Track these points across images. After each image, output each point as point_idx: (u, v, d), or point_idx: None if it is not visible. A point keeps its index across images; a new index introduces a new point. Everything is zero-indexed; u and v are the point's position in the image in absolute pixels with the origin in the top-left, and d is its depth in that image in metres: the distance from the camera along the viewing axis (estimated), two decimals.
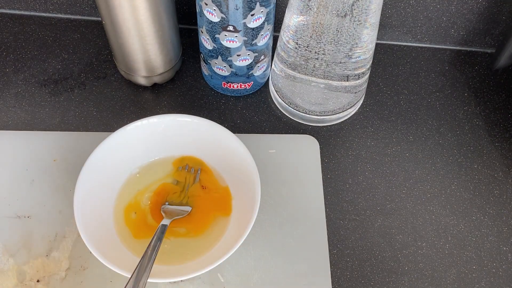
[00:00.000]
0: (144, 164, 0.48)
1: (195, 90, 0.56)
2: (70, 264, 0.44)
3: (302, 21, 0.45)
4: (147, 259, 0.39)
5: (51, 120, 0.53)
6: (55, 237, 0.45)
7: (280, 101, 0.54)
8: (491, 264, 0.47)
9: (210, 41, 0.49)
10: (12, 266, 0.43)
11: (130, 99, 0.55)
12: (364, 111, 0.56)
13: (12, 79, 0.56)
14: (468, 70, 0.61)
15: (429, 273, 0.46)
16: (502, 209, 0.50)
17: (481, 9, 0.57)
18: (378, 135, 0.54)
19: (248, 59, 0.50)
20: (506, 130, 0.56)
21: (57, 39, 0.60)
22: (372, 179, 0.51)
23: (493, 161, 0.53)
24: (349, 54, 0.46)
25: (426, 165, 0.52)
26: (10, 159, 0.49)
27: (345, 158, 0.52)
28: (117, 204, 0.46)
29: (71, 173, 0.48)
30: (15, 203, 0.47)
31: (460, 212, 0.50)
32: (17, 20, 0.61)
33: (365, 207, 0.49)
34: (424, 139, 0.54)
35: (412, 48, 0.62)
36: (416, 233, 0.48)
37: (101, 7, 0.47)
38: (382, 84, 0.58)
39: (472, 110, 0.57)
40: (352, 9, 0.42)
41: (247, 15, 0.45)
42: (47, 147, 0.50)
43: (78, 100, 0.55)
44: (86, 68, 0.57)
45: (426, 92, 0.58)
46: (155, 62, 0.52)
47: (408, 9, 0.58)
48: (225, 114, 0.55)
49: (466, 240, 0.48)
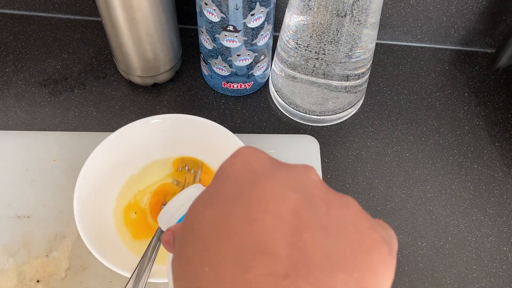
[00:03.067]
0: (144, 164, 0.48)
1: (195, 90, 0.56)
2: (70, 264, 0.44)
3: (302, 21, 0.45)
4: (147, 259, 0.39)
5: (51, 120, 0.53)
6: (55, 237, 0.45)
7: (280, 101, 0.54)
8: (491, 264, 0.47)
9: (210, 41, 0.49)
10: (12, 266, 0.43)
11: (130, 99, 0.55)
12: (364, 111, 0.56)
13: (12, 79, 0.56)
14: (469, 70, 0.61)
15: (429, 273, 0.46)
16: (502, 209, 0.50)
17: (481, 9, 0.57)
18: (378, 135, 0.54)
19: (248, 59, 0.50)
20: (506, 130, 0.56)
21: (57, 39, 0.60)
22: (372, 179, 0.51)
23: (493, 161, 0.53)
24: (349, 54, 0.46)
25: (426, 165, 0.52)
26: (10, 159, 0.49)
27: (345, 158, 0.52)
28: (117, 204, 0.46)
29: (71, 173, 0.48)
30: (15, 203, 0.47)
31: (460, 212, 0.50)
32: (17, 20, 0.61)
33: (365, 207, 0.49)
34: (424, 139, 0.54)
35: (412, 48, 0.62)
36: (416, 233, 0.48)
37: (101, 7, 0.47)
38: (382, 84, 0.58)
39: (472, 110, 0.57)
40: (352, 9, 0.42)
41: (247, 15, 0.45)
42: (47, 147, 0.50)
43: (78, 100, 0.55)
44: (86, 68, 0.57)
45: (426, 92, 0.58)
46: (155, 62, 0.52)
47: (408, 9, 0.58)
48: (225, 114, 0.55)
49: (466, 240, 0.48)
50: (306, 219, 0.21)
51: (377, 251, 0.22)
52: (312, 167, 0.24)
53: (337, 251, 0.20)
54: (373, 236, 0.22)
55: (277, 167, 0.23)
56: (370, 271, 0.21)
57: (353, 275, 0.20)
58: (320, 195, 0.22)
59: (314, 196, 0.22)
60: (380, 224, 0.24)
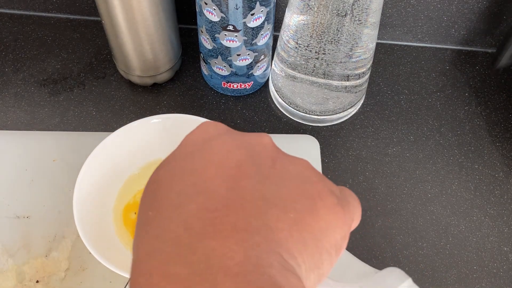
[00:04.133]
0: (144, 164, 0.48)
1: (195, 90, 0.56)
2: (69, 265, 0.44)
3: (303, 21, 0.45)
4: None
5: (50, 120, 0.53)
6: (55, 238, 0.45)
7: (280, 101, 0.54)
8: (492, 265, 0.47)
9: (210, 40, 0.49)
10: (12, 267, 0.43)
11: (130, 99, 0.55)
12: (364, 111, 0.56)
13: (11, 79, 0.56)
14: (469, 70, 0.60)
15: (429, 273, 0.46)
16: (503, 209, 0.50)
17: (482, 8, 0.57)
18: (379, 135, 0.54)
19: (248, 59, 0.50)
20: (507, 130, 0.56)
21: (57, 39, 0.59)
22: (372, 179, 0.51)
23: (494, 161, 0.53)
24: (350, 54, 0.46)
25: (426, 165, 0.52)
26: (9, 159, 0.49)
27: (346, 158, 0.52)
28: (116, 204, 0.46)
29: (71, 173, 0.48)
30: (14, 203, 0.47)
31: (461, 213, 0.49)
32: (16, 19, 0.61)
33: (366, 207, 0.49)
34: (425, 139, 0.54)
35: (412, 48, 0.62)
36: (417, 233, 0.48)
37: (100, 7, 0.47)
38: (382, 84, 0.58)
39: (473, 110, 0.57)
40: (352, 9, 0.42)
41: (247, 15, 0.45)
42: (47, 147, 0.50)
43: (77, 100, 0.55)
44: (86, 68, 0.57)
45: (426, 92, 0.58)
46: (155, 62, 0.52)
47: (409, 8, 0.58)
48: (225, 114, 0.55)
49: (467, 240, 0.48)
50: (247, 170, 0.21)
51: (321, 199, 0.22)
52: (267, 135, 0.25)
53: (275, 195, 0.21)
54: (319, 187, 0.22)
55: (230, 132, 0.24)
56: (312, 216, 0.21)
57: (288, 215, 0.20)
58: (268, 153, 0.23)
59: (260, 154, 0.23)
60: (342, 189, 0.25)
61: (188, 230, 0.19)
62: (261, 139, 0.24)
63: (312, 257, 0.20)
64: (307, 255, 0.20)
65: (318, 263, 0.21)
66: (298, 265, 0.20)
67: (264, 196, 0.20)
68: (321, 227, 0.21)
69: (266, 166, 0.22)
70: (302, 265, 0.20)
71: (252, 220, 0.19)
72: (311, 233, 0.20)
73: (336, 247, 0.22)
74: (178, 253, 0.18)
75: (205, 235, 0.18)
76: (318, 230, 0.21)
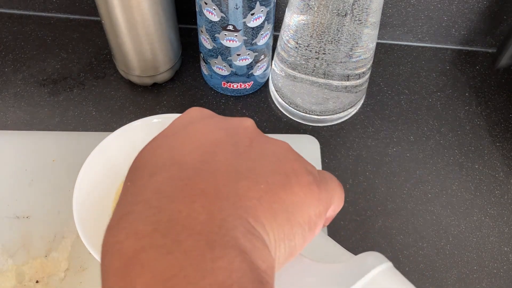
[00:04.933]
0: None
1: (195, 90, 0.56)
2: (69, 265, 0.44)
3: (303, 21, 0.45)
4: None
5: (50, 120, 0.53)
6: (54, 238, 0.45)
7: (280, 101, 0.54)
8: (492, 265, 0.47)
9: (210, 40, 0.49)
10: (11, 267, 0.43)
11: (130, 99, 0.55)
12: (364, 111, 0.56)
13: (11, 79, 0.56)
14: (469, 69, 0.60)
15: (430, 273, 0.46)
16: (503, 209, 0.50)
17: (482, 8, 0.57)
18: (379, 135, 0.54)
19: (248, 59, 0.50)
20: (507, 130, 0.56)
21: (56, 39, 0.59)
22: (372, 179, 0.51)
23: (494, 162, 0.53)
24: (350, 54, 0.46)
25: (427, 165, 0.52)
26: (8, 159, 0.49)
27: (346, 158, 0.52)
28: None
29: (70, 173, 0.48)
30: (14, 203, 0.47)
31: (461, 213, 0.49)
32: (16, 19, 0.61)
33: (366, 207, 0.49)
34: (425, 139, 0.54)
35: (413, 48, 0.62)
36: (417, 233, 0.48)
37: (100, 7, 0.46)
38: (382, 84, 0.58)
39: (473, 110, 0.57)
40: (352, 8, 0.41)
41: (247, 15, 0.45)
42: (46, 147, 0.50)
43: (77, 100, 0.55)
44: (86, 67, 0.57)
45: (427, 92, 0.58)
46: (155, 62, 0.52)
47: (409, 8, 0.57)
48: (225, 114, 0.54)
49: (467, 240, 0.48)
50: (225, 147, 0.22)
51: (296, 176, 0.22)
52: (251, 119, 0.25)
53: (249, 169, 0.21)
54: (295, 165, 0.23)
55: (214, 116, 0.26)
56: (285, 190, 0.21)
57: (259, 186, 0.21)
58: (247, 134, 0.24)
59: (239, 134, 0.23)
60: (322, 172, 0.25)
61: (157, 194, 0.20)
62: (242, 123, 0.25)
63: (282, 228, 0.21)
64: (277, 225, 0.20)
65: (289, 234, 0.21)
66: (266, 232, 0.20)
67: (237, 169, 0.21)
68: (293, 201, 0.21)
69: (244, 145, 0.23)
70: (270, 232, 0.20)
71: (221, 188, 0.20)
72: (282, 205, 0.21)
73: (309, 223, 0.22)
74: (146, 214, 0.19)
75: (173, 199, 0.19)
76: (290, 203, 0.21)
